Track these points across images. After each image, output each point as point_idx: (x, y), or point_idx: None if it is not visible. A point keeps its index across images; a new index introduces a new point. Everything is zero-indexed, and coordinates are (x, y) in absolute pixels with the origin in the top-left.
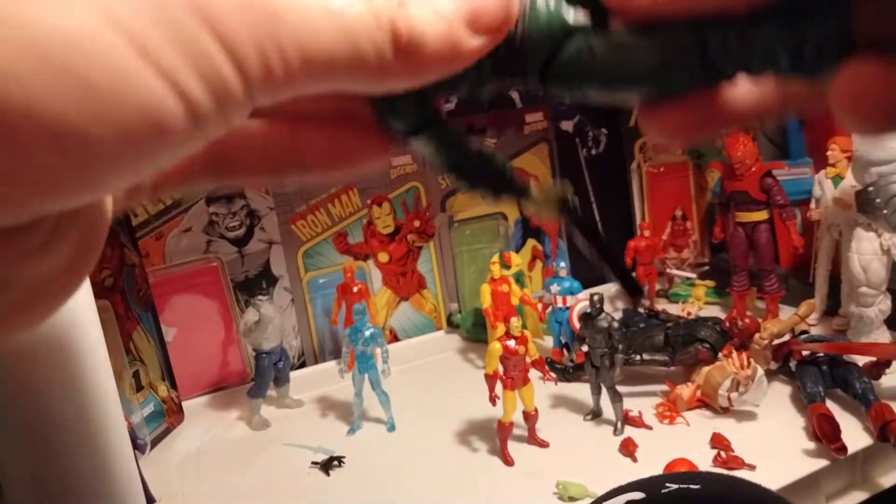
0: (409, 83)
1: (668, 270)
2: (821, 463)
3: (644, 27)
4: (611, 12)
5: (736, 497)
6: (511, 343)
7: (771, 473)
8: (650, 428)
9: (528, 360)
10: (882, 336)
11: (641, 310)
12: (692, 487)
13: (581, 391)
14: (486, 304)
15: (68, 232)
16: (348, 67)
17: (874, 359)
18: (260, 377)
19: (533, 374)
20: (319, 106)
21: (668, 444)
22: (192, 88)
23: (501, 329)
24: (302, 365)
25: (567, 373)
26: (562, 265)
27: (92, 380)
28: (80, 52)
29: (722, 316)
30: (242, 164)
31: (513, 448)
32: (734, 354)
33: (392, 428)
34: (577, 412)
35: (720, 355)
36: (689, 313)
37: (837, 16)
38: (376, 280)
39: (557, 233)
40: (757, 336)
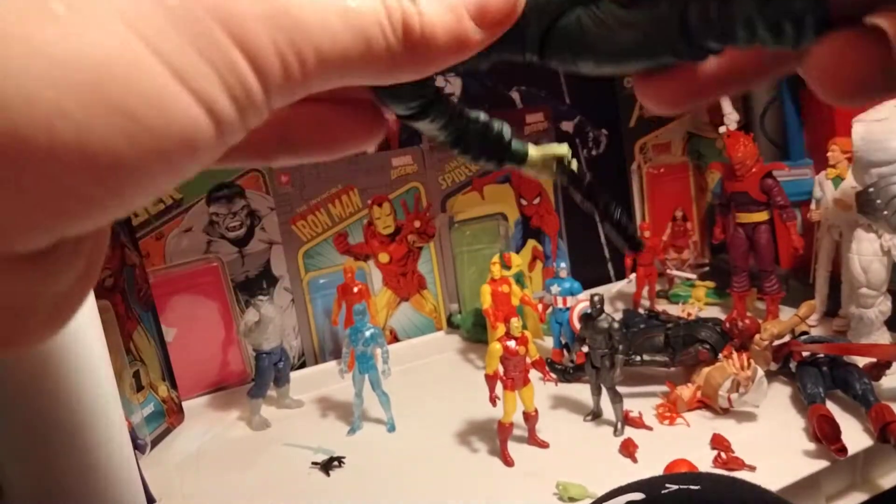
0: (416, 75)
1: (669, 271)
2: (821, 464)
3: (632, 1)
4: None
5: (736, 498)
6: (511, 343)
7: (771, 474)
8: (650, 429)
9: (529, 361)
10: (882, 337)
11: (642, 311)
12: (692, 488)
13: (581, 392)
14: (487, 305)
15: (83, 245)
16: (360, 64)
17: (874, 360)
18: (260, 377)
19: (533, 375)
20: None
21: (669, 445)
22: (223, 105)
23: (502, 329)
24: (302, 365)
25: (567, 373)
26: (562, 266)
27: (92, 380)
28: (124, 83)
29: (722, 317)
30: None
31: (513, 448)
32: (734, 355)
33: (392, 428)
34: (578, 413)
35: (720, 356)
36: (690, 314)
37: None
38: (376, 280)
39: (558, 233)
40: (757, 337)
